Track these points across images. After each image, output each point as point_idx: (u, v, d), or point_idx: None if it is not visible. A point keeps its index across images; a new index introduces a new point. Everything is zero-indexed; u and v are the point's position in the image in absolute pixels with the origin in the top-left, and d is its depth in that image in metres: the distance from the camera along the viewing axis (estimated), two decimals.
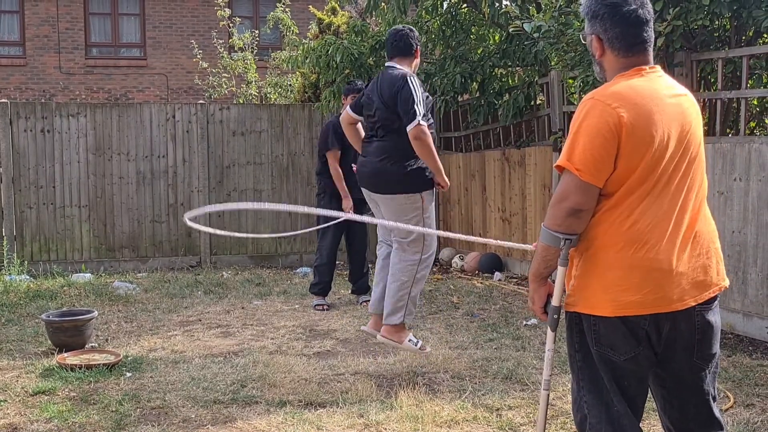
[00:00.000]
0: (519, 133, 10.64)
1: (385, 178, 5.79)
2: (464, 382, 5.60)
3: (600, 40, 3.00)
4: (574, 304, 2.97)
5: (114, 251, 11.33)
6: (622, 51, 2.96)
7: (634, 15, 2.94)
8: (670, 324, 2.88)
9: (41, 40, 18.55)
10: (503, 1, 10.14)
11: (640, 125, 2.81)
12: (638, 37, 2.96)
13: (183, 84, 19.07)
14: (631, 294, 2.83)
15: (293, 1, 16.55)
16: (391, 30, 6.06)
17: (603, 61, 3.04)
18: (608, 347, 2.90)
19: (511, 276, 10.24)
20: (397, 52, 5.95)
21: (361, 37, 10.94)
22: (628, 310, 2.85)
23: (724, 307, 6.74)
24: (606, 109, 2.82)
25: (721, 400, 5.11)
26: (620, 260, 2.84)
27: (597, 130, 2.81)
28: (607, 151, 2.80)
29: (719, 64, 7.10)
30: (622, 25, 2.94)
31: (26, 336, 7.07)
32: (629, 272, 2.83)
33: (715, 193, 6.84)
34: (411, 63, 5.95)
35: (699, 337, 2.94)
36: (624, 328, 2.86)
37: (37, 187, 11.01)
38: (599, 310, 2.89)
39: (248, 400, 5.22)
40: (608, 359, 2.92)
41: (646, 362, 2.93)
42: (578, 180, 2.82)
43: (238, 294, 9.22)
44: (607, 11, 2.95)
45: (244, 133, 11.71)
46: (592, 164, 2.81)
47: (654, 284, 2.83)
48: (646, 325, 2.86)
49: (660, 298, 2.83)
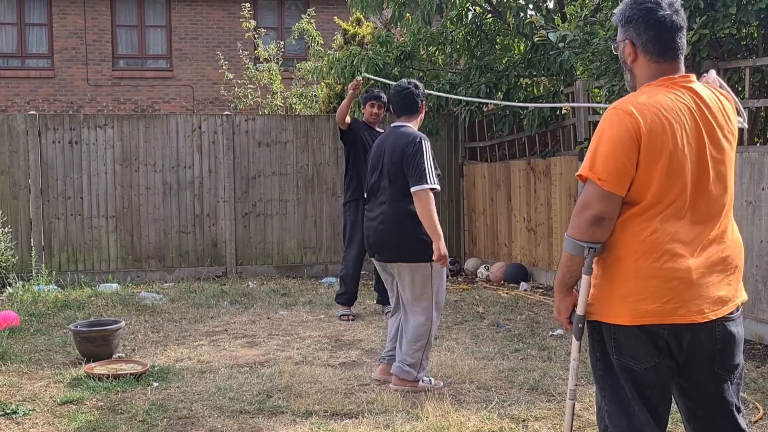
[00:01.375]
0: (544, 143, 10.62)
1: (393, 244, 5.64)
2: (490, 392, 5.58)
3: (633, 45, 3.00)
4: (595, 313, 2.97)
5: (141, 261, 11.40)
6: (655, 55, 2.96)
7: (669, 19, 2.94)
8: (690, 335, 2.86)
9: (69, 52, 18.72)
10: (528, 11, 10.13)
11: (658, 134, 2.81)
12: (671, 41, 2.95)
13: (209, 95, 19.17)
14: (649, 303, 2.82)
15: (318, 12, 16.64)
16: (396, 85, 5.95)
17: (634, 67, 3.03)
18: (628, 356, 2.89)
19: (537, 286, 10.20)
20: (402, 111, 5.88)
21: (386, 47, 10.98)
22: (646, 319, 2.83)
23: (753, 317, 6.68)
24: (626, 118, 2.83)
25: (750, 412, 5.05)
26: (639, 269, 2.84)
27: (618, 139, 2.82)
28: (629, 160, 2.81)
29: (747, 73, 7.05)
30: (656, 28, 2.94)
31: (54, 346, 7.13)
32: (648, 281, 2.83)
33: (743, 202, 6.79)
34: (417, 120, 5.90)
35: (720, 347, 2.92)
36: (643, 336, 2.85)
37: (65, 198, 11.11)
38: (618, 318, 2.89)
39: (274, 410, 5.23)
40: (629, 368, 2.91)
41: (668, 372, 2.91)
42: (600, 189, 2.83)
43: (263, 304, 9.25)
44: (642, 15, 2.95)
45: (270, 144, 11.75)
46: (614, 173, 2.81)
47: (673, 294, 2.81)
48: (665, 334, 2.85)
49: (678, 307, 2.82)
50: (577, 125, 9.45)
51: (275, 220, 11.76)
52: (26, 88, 18.56)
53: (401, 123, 5.85)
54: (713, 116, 2.92)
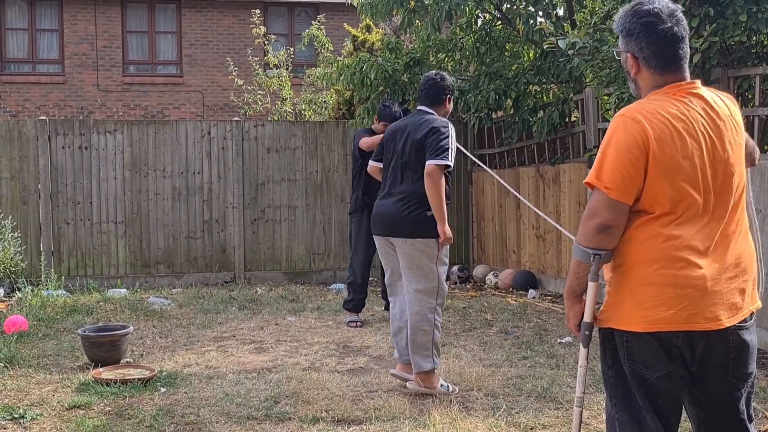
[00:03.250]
0: (553, 150, 10.60)
1: (406, 221, 5.69)
2: (498, 400, 5.56)
3: (635, 59, 2.98)
4: (607, 320, 2.95)
5: (149, 267, 11.42)
6: (658, 69, 2.94)
7: (670, 33, 2.92)
8: (704, 343, 2.84)
9: (80, 57, 18.81)
10: (538, 18, 10.13)
11: (667, 141, 2.79)
12: (674, 54, 2.93)
13: (218, 101, 19.23)
14: (663, 310, 2.80)
15: (328, 18, 16.66)
16: (425, 75, 6.04)
17: (638, 79, 3.02)
18: (641, 364, 2.87)
19: (546, 293, 10.18)
20: (427, 100, 5.92)
21: (396, 54, 10.98)
22: (660, 326, 2.81)
23: (763, 326, 6.64)
24: (634, 126, 2.81)
25: (759, 421, 5.03)
26: (653, 276, 2.82)
27: (625, 147, 2.80)
28: (636, 168, 2.79)
29: (757, 81, 7.03)
30: (658, 43, 2.92)
31: (63, 350, 7.14)
32: (662, 288, 2.81)
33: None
34: (441, 111, 5.92)
35: (734, 356, 2.90)
36: (656, 344, 2.83)
37: (75, 203, 11.14)
38: (631, 325, 2.87)
39: (281, 416, 5.23)
40: (641, 376, 2.89)
41: (681, 381, 2.89)
42: (607, 197, 2.81)
43: (271, 310, 9.25)
44: (643, 30, 2.93)
45: (279, 150, 11.77)
46: (620, 181, 2.80)
47: (687, 301, 2.80)
48: (679, 342, 2.82)
49: (693, 315, 2.80)
50: (586, 132, 9.43)
51: (284, 226, 11.77)
52: (37, 94, 18.66)
53: (424, 108, 5.91)
54: (722, 122, 2.91)
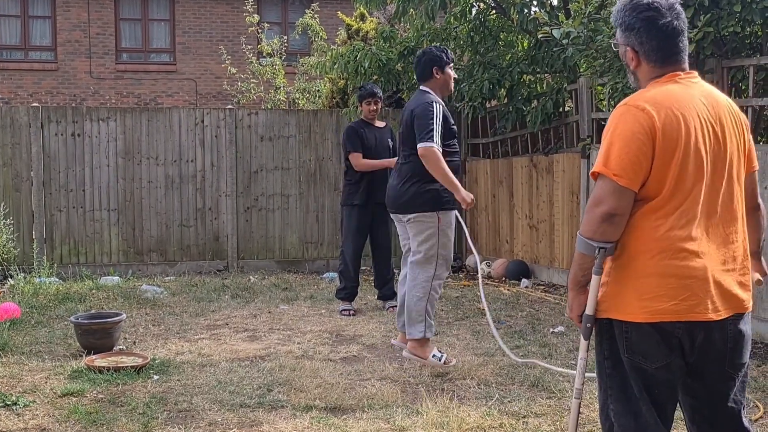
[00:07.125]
0: (547, 140, 10.60)
1: (404, 198, 5.95)
2: (490, 388, 5.57)
3: (635, 52, 2.98)
4: (606, 311, 2.93)
5: (142, 255, 11.40)
6: (659, 62, 2.95)
7: (670, 27, 2.92)
8: (704, 333, 2.84)
9: (72, 45, 18.74)
10: (532, 7, 10.11)
11: (673, 128, 2.78)
12: (675, 47, 2.94)
13: (212, 89, 19.19)
14: (665, 301, 2.80)
15: (322, 7, 16.61)
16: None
17: (638, 71, 3.02)
18: (640, 355, 2.86)
19: (538, 283, 10.20)
20: (419, 79, 6.12)
21: (390, 43, 10.97)
22: (662, 317, 2.80)
23: (754, 316, 6.66)
24: (640, 114, 2.80)
25: (750, 410, 5.05)
26: (655, 267, 2.81)
27: (632, 134, 2.79)
28: (644, 154, 2.78)
29: (750, 71, 7.03)
30: (659, 38, 2.92)
31: (55, 338, 7.13)
32: (664, 279, 2.80)
33: None
34: (436, 83, 6.03)
35: (731, 346, 2.90)
36: (657, 335, 2.83)
37: (67, 191, 11.11)
38: (632, 316, 2.85)
39: (274, 404, 5.23)
40: (639, 367, 2.88)
41: (678, 371, 2.89)
42: (615, 185, 2.79)
43: (264, 298, 9.25)
44: (643, 25, 2.93)
45: (272, 139, 11.75)
46: (630, 168, 2.78)
47: (689, 292, 2.79)
48: (680, 333, 2.82)
49: (695, 305, 2.79)
50: (580, 122, 9.43)
51: (277, 215, 11.76)
52: (29, 81, 18.60)
53: (422, 87, 6.08)
54: (723, 112, 2.91)
